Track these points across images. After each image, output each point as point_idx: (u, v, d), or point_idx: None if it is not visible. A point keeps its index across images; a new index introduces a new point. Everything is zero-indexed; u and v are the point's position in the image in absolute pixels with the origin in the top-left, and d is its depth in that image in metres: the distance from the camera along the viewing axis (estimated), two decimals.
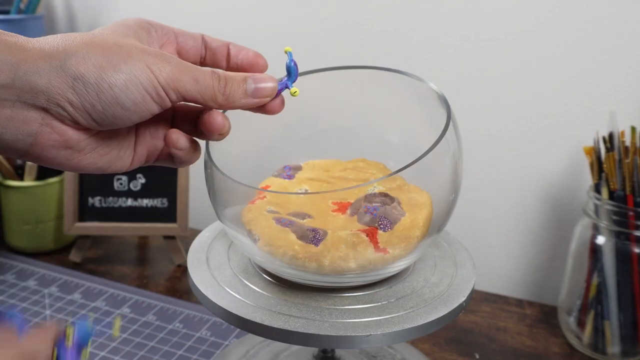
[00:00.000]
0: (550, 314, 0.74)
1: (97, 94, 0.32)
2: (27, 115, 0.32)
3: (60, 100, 0.32)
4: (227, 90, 0.35)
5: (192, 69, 0.34)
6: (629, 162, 0.62)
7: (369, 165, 0.53)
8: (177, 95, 0.34)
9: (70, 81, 0.31)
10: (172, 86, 0.33)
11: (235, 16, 0.86)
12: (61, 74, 0.31)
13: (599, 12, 0.69)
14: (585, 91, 0.72)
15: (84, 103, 0.32)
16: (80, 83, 0.31)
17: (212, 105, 0.35)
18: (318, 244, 0.43)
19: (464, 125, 0.50)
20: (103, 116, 0.33)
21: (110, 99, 0.32)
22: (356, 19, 0.79)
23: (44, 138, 0.33)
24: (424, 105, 0.49)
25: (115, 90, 0.32)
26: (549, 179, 0.76)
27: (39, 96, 0.31)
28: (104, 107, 0.32)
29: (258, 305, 0.43)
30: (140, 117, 0.34)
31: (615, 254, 0.64)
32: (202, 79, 0.34)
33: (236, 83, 0.36)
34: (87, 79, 0.31)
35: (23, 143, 0.32)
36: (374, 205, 0.45)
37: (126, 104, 0.32)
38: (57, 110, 0.32)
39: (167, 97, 0.34)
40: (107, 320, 0.70)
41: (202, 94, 0.35)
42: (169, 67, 0.33)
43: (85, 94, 0.32)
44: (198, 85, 0.34)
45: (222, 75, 0.35)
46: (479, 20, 0.74)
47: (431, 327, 0.42)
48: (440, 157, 0.43)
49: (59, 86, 0.31)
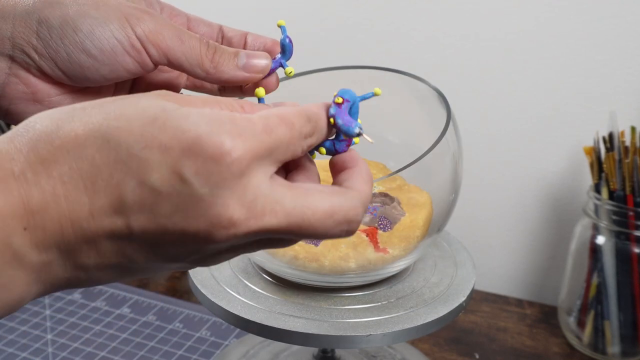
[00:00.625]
0: (550, 314, 0.74)
1: (60, 39, 0.30)
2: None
3: (25, 46, 0.30)
4: (217, 57, 0.33)
5: (177, 28, 0.32)
6: (629, 162, 0.62)
7: (369, 165, 0.53)
8: (157, 51, 0.31)
9: (35, 25, 0.30)
10: (151, 39, 0.31)
11: (235, 16, 0.86)
12: (26, 18, 0.30)
13: (599, 12, 0.69)
14: (585, 91, 0.72)
15: (47, 49, 0.31)
16: (44, 27, 0.30)
17: (198, 73, 0.33)
18: (318, 244, 0.43)
19: (464, 125, 0.50)
20: (68, 64, 0.31)
21: (74, 45, 0.30)
22: (356, 19, 0.79)
23: (11, 89, 0.31)
24: (424, 105, 0.49)
25: (79, 35, 0.30)
26: (549, 179, 0.76)
27: (4, 42, 0.30)
28: (69, 53, 0.30)
29: (258, 305, 0.43)
30: (113, 72, 0.31)
31: (615, 254, 0.64)
32: (187, 40, 0.32)
33: (227, 53, 0.33)
34: (51, 22, 0.30)
35: None
36: (374, 205, 0.45)
37: (92, 51, 0.30)
38: (22, 58, 0.31)
39: (145, 51, 0.31)
40: (108, 320, 0.70)
41: (187, 56, 0.32)
42: (151, 20, 0.31)
43: (48, 38, 0.30)
44: (182, 45, 0.32)
45: (211, 43, 0.33)
46: (479, 20, 0.74)
47: (431, 327, 0.42)
48: (440, 157, 0.43)
49: (23, 31, 0.30)
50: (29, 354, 0.64)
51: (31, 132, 0.24)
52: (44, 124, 0.24)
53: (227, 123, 0.24)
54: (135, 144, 0.23)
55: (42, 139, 0.24)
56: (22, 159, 0.23)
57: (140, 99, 0.25)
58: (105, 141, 0.24)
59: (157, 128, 0.24)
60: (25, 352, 0.64)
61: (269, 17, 0.84)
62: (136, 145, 0.23)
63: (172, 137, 0.23)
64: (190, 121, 0.24)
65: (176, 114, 0.24)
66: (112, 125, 0.24)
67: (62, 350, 0.64)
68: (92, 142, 0.24)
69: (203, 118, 0.24)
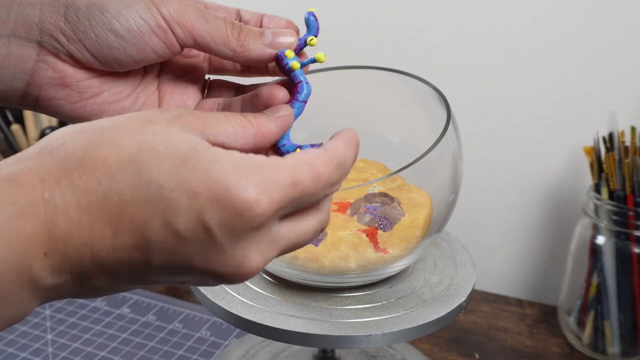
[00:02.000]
0: (550, 314, 0.74)
1: (88, 20, 0.31)
2: (22, 52, 0.31)
3: (53, 30, 0.31)
4: (242, 36, 0.33)
5: (201, 9, 0.32)
6: (629, 162, 0.62)
7: (369, 165, 0.53)
8: (183, 30, 0.31)
9: (62, 10, 0.31)
10: (176, 19, 0.31)
11: None
12: (53, 3, 0.31)
13: (599, 12, 0.69)
14: (585, 91, 0.72)
15: (76, 32, 0.31)
16: (71, 10, 0.31)
17: (225, 52, 0.32)
18: (318, 244, 0.43)
19: (464, 125, 0.50)
20: (97, 46, 0.31)
21: (102, 25, 0.31)
22: (356, 19, 0.79)
23: (40, 75, 0.32)
24: (424, 105, 0.49)
25: (106, 16, 0.30)
26: (549, 179, 0.76)
27: (32, 28, 0.31)
28: (97, 35, 0.31)
29: (258, 305, 0.43)
30: (141, 53, 0.32)
31: (615, 254, 0.64)
32: (212, 20, 0.32)
33: (252, 32, 0.33)
34: (78, 5, 0.31)
35: (20, 81, 0.32)
36: (374, 205, 0.45)
37: (119, 31, 0.31)
38: (51, 43, 0.31)
39: (171, 32, 0.31)
40: (108, 320, 0.70)
41: (213, 35, 0.32)
42: (175, 0, 0.31)
43: (76, 21, 0.31)
44: (208, 25, 0.32)
45: (236, 23, 0.33)
46: (478, 20, 0.74)
47: (431, 327, 0.42)
48: (440, 157, 0.43)
49: (51, 16, 0.31)
50: (29, 354, 0.64)
51: (62, 152, 0.24)
52: (75, 144, 0.24)
53: (255, 174, 0.25)
54: (166, 184, 0.24)
55: (73, 163, 0.24)
56: (52, 181, 0.24)
57: (171, 133, 0.25)
58: (138, 177, 0.24)
59: (188, 170, 0.24)
60: (25, 352, 0.64)
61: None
62: (167, 185, 0.24)
63: (201, 182, 0.24)
64: (219, 168, 0.24)
65: (206, 157, 0.25)
66: (145, 160, 0.24)
67: (62, 350, 0.64)
68: (124, 176, 0.24)
69: (232, 165, 0.25)
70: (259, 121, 0.29)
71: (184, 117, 0.27)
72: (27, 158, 0.24)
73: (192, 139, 0.25)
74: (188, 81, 0.37)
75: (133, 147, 0.24)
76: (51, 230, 0.23)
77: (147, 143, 0.25)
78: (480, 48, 0.75)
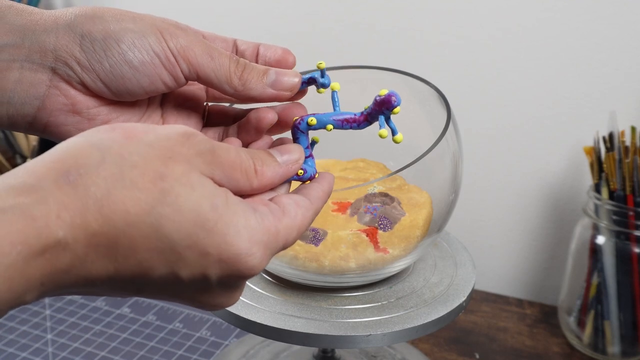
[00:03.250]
0: (550, 314, 0.74)
1: (104, 51, 0.31)
2: (35, 77, 0.32)
3: (68, 58, 0.32)
4: (245, 75, 0.33)
5: (207, 45, 0.33)
6: (629, 162, 0.62)
7: (369, 165, 0.53)
8: (188, 66, 0.32)
9: (78, 39, 0.31)
10: (182, 55, 0.32)
11: (235, 16, 0.86)
12: (69, 32, 0.31)
13: (599, 12, 0.69)
14: (585, 91, 0.72)
15: (91, 61, 0.31)
16: (87, 41, 0.31)
17: (226, 89, 0.33)
18: (318, 244, 0.43)
19: (464, 125, 0.50)
20: (111, 76, 0.32)
21: (118, 56, 0.31)
22: (356, 19, 0.79)
23: (52, 101, 0.32)
24: (424, 105, 0.49)
25: (122, 47, 0.31)
26: (549, 179, 0.76)
27: (47, 55, 0.31)
28: (112, 65, 0.32)
29: (258, 305, 0.43)
30: (152, 84, 0.32)
31: (615, 254, 0.64)
32: (217, 57, 0.33)
33: (256, 71, 0.34)
34: (95, 36, 0.31)
35: (31, 107, 0.32)
36: (374, 205, 0.45)
37: (133, 62, 0.31)
38: (64, 70, 0.32)
39: (177, 65, 0.32)
40: (108, 320, 0.70)
41: (216, 72, 0.33)
42: (182, 35, 0.32)
43: (92, 51, 0.31)
44: (212, 62, 0.32)
45: (241, 61, 0.34)
46: (479, 20, 0.74)
47: (431, 327, 0.42)
48: (440, 157, 0.43)
49: (66, 44, 0.31)
50: (29, 354, 0.64)
51: (81, 187, 0.24)
52: (95, 180, 0.24)
53: (267, 245, 0.27)
54: (181, 241, 0.25)
55: (91, 205, 0.24)
56: (68, 221, 0.23)
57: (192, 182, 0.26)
58: (154, 230, 0.25)
59: (205, 232, 0.25)
60: (25, 352, 0.64)
61: (269, 17, 0.84)
62: (181, 242, 0.25)
63: (214, 245, 0.26)
64: (235, 234, 0.26)
65: (224, 219, 0.26)
66: (164, 214, 0.25)
67: (62, 350, 0.64)
68: (141, 226, 0.24)
69: (247, 233, 0.26)
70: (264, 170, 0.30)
71: (203, 155, 0.27)
72: (43, 179, 0.23)
73: (212, 192, 0.26)
74: (189, 108, 0.37)
75: (153, 195, 0.25)
76: (54, 266, 0.23)
77: (168, 194, 0.25)
78: (480, 48, 0.75)
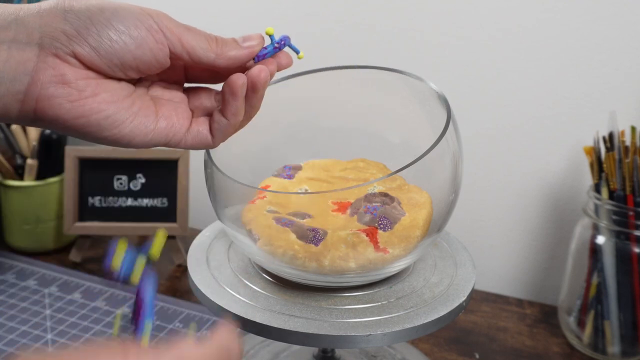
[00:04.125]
0: (550, 314, 0.74)
1: (89, 19, 0.33)
2: (23, 55, 0.33)
3: (54, 31, 0.33)
4: (219, 41, 0.37)
5: (184, 25, 0.36)
6: (629, 162, 0.62)
7: (369, 165, 0.53)
8: (172, 35, 0.35)
9: (62, 14, 0.33)
10: (166, 27, 0.35)
11: (235, 17, 0.86)
12: (53, 11, 0.33)
13: (599, 12, 0.69)
14: (585, 91, 0.72)
15: (78, 29, 0.33)
16: (71, 13, 0.33)
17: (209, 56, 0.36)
18: (318, 244, 0.43)
19: (464, 125, 0.50)
20: (99, 40, 0.33)
21: (103, 22, 0.33)
22: (356, 19, 0.79)
23: (41, 75, 0.33)
24: (424, 105, 0.49)
25: (105, 14, 0.33)
26: (549, 179, 0.76)
27: (33, 34, 0.33)
28: (98, 30, 0.33)
29: (258, 305, 0.43)
30: (140, 49, 0.34)
31: (615, 254, 0.64)
32: (193, 30, 0.36)
33: (226, 40, 0.38)
34: (77, 8, 0.33)
35: (21, 83, 0.33)
36: (374, 205, 0.45)
37: (119, 27, 0.33)
38: (51, 43, 0.33)
39: (163, 35, 0.35)
40: (107, 320, 0.70)
41: (198, 42, 0.36)
42: (163, 15, 0.35)
43: (77, 19, 0.33)
44: (191, 33, 0.36)
45: (211, 35, 0.37)
46: (479, 20, 0.74)
47: (431, 327, 0.42)
48: (440, 157, 0.43)
49: (51, 22, 0.33)
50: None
51: None
52: None
53: None
54: None
55: None
56: None
57: None
58: None
59: None
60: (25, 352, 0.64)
61: (269, 17, 0.84)
62: None
63: None
64: None
65: None
66: None
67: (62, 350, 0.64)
68: None
69: None
70: None
71: None
72: None
73: None
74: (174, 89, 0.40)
75: None
76: None
77: None
78: (480, 48, 0.75)
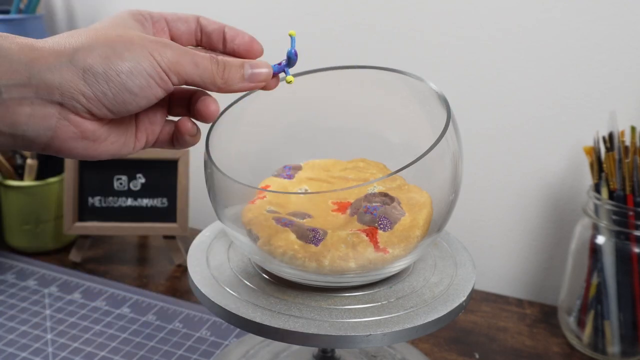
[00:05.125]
0: (550, 314, 0.74)
1: (106, 82, 0.34)
2: (45, 111, 0.34)
3: (74, 93, 0.34)
4: (226, 74, 0.38)
5: (191, 54, 0.37)
6: (629, 162, 0.62)
7: (369, 165, 0.53)
8: (178, 77, 0.36)
9: (81, 74, 0.34)
10: (173, 69, 0.36)
11: (235, 17, 0.86)
12: (71, 68, 0.34)
13: (599, 12, 0.69)
14: (585, 91, 0.72)
15: (95, 93, 0.34)
16: (90, 74, 0.34)
17: (211, 88, 0.38)
18: (318, 244, 0.43)
19: (464, 125, 0.50)
20: (114, 102, 0.35)
21: (119, 86, 0.34)
22: (356, 19, 0.79)
23: (63, 131, 0.35)
24: (424, 105, 0.49)
25: (122, 77, 0.34)
26: (549, 179, 0.76)
27: (53, 92, 0.34)
28: (114, 94, 0.35)
29: (258, 305, 0.43)
30: (147, 102, 0.36)
31: (615, 254, 0.64)
32: (201, 63, 0.37)
33: (234, 68, 0.38)
34: (96, 69, 0.34)
35: (44, 137, 0.35)
36: (374, 205, 0.45)
37: (134, 89, 0.35)
38: (71, 104, 0.34)
39: (169, 80, 0.36)
40: (108, 320, 0.70)
41: (202, 77, 0.37)
42: (170, 51, 0.36)
43: (95, 83, 0.34)
44: (198, 69, 0.37)
45: (220, 61, 0.38)
46: (479, 21, 0.74)
47: (431, 327, 0.42)
48: (440, 157, 0.43)
49: (70, 80, 0.34)
50: (29, 354, 0.64)
51: None
52: None
53: None
54: None
55: None
56: None
57: None
58: None
59: None
60: (25, 352, 0.64)
61: (270, 16, 0.84)
62: None
63: None
64: None
65: None
66: None
67: (62, 350, 0.64)
68: None
69: None
70: None
71: None
72: None
73: None
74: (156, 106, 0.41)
75: None
76: None
77: None
78: (480, 48, 0.75)
